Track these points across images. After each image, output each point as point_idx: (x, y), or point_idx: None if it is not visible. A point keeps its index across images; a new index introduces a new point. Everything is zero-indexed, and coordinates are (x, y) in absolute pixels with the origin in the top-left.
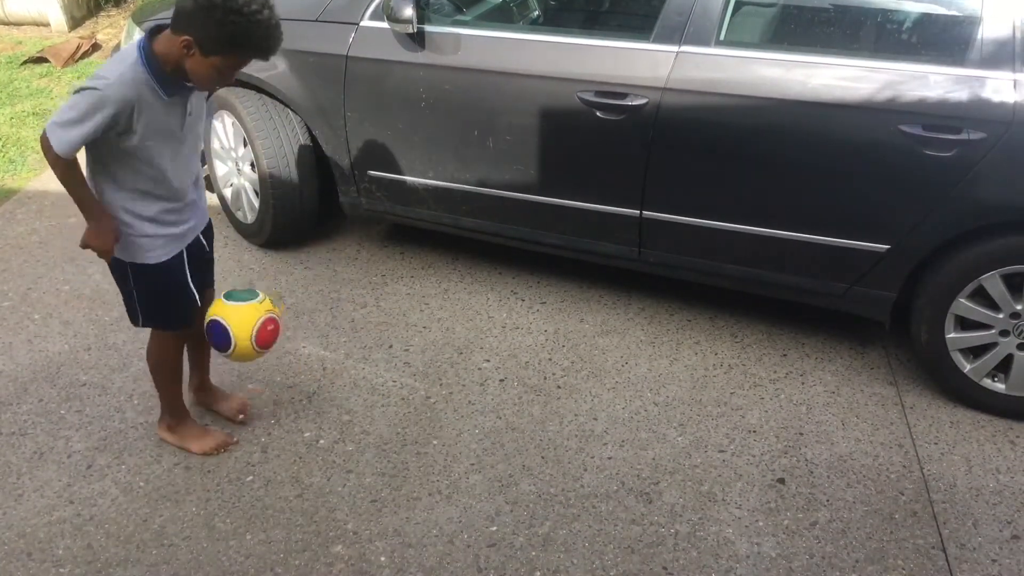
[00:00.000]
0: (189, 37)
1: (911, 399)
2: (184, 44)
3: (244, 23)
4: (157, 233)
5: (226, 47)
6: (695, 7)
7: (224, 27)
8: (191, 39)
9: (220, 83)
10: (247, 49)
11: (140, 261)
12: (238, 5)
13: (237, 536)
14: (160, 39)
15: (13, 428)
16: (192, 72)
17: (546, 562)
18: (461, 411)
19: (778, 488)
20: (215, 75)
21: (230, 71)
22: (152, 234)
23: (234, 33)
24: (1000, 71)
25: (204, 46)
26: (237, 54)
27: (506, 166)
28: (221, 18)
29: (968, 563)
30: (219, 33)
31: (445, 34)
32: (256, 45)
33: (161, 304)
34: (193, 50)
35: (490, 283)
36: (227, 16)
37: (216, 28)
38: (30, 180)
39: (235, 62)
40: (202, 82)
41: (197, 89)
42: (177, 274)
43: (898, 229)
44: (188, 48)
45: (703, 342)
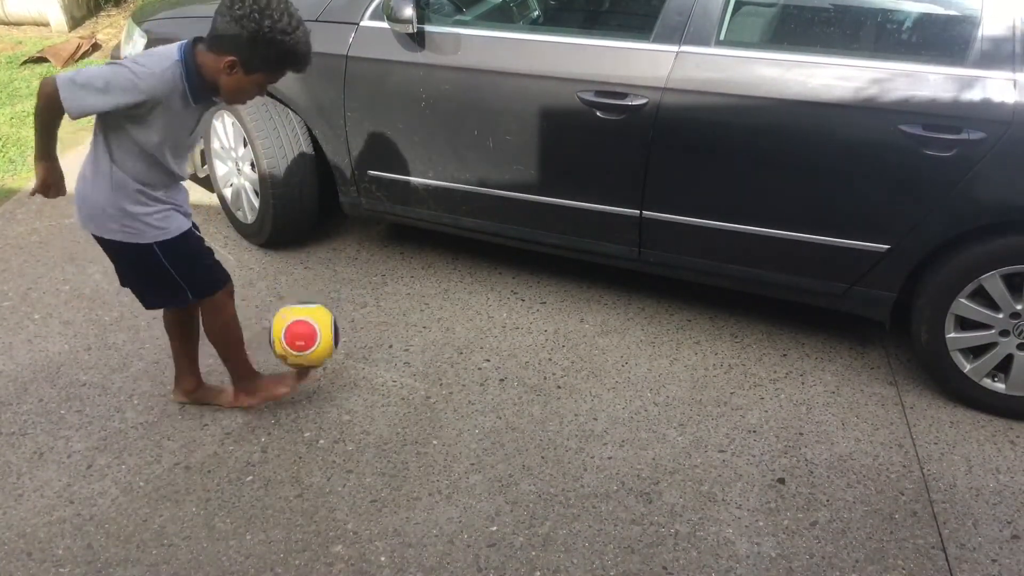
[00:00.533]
0: (234, 57)
1: (911, 399)
2: (229, 64)
3: (290, 41)
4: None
5: (271, 64)
6: (695, 7)
7: (271, 46)
8: (236, 59)
9: (252, 97)
10: (290, 65)
11: (165, 238)
12: (281, 26)
13: (237, 536)
14: (200, 51)
15: (13, 428)
16: (229, 88)
17: (546, 562)
18: (461, 411)
19: (778, 488)
20: (254, 91)
21: (268, 85)
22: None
23: (281, 52)
24: (1000, 71)
25: (248, 66)
26: (281, 70)
27: (506, 166)
28: (269, 38)
29: (968, 563)
30: (267, 52)
31: (445, 34)
32: (299, 60)
33: (201, 269)
34: (237, 70)
35: (490, 283)
36: (274, 36)
37: (264, 48)
38: (30, 180)
39: (275, 77)
40: (237, 97)
41: (224, 102)
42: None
43: (898, 229)
44: (232, 68)
45: (703, 342)
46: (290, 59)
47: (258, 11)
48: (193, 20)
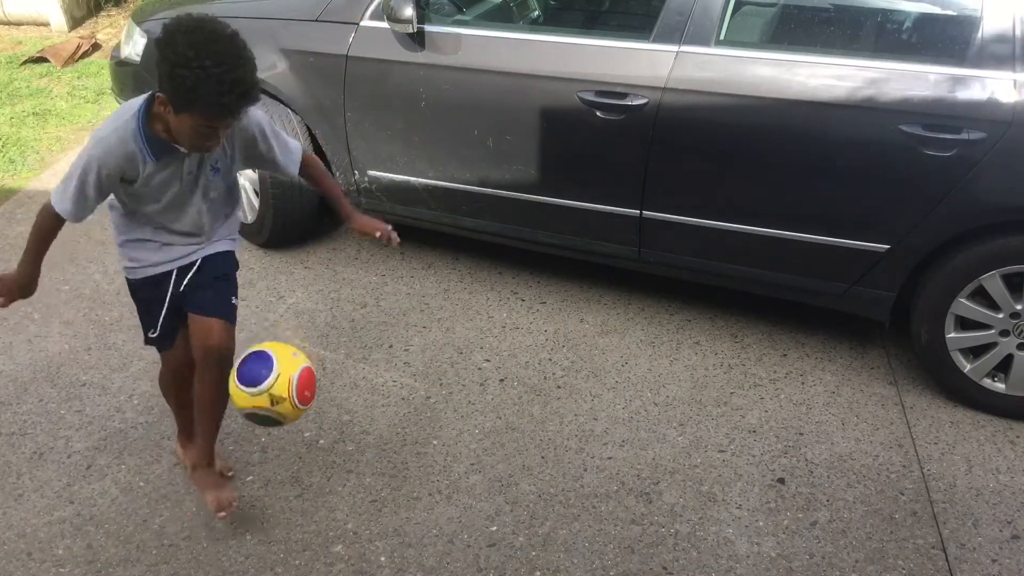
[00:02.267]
0: (162, 94)
1: (911, 399)
2: (161, 102)
3: (191, 77)
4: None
5: (182, 105)
6: (695, 7)
7: (174, 80)
8: (163, 96)
9: (203, 144)
10: (198, 106)
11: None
12: (184, 59)
13: (237, 536)
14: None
15: (13, 428)
16: (176, 132)
17: (546, 562)
18: (461, 411)
19: (778, 488)
20: (193, 135)
21: (205, 130)
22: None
23: (182, 88)
24: (1000, 71)
25: (173, 104)
26: (195, 111)
27: (506, 166)
28: (170, 72)
29: (968, 563)
30: (172, 88)
31: (445, 34)
32: (208, 102)
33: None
34: (168, 107)
35: (490, 283)
36: (175, 70)
37: (169, 83)
38: (30, 180)
39: (202, 121)
40: (184, 142)
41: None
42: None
43: (898, 229)
44: (164, 106)
45: (703, 342)
46: (193, 98)
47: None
48: None
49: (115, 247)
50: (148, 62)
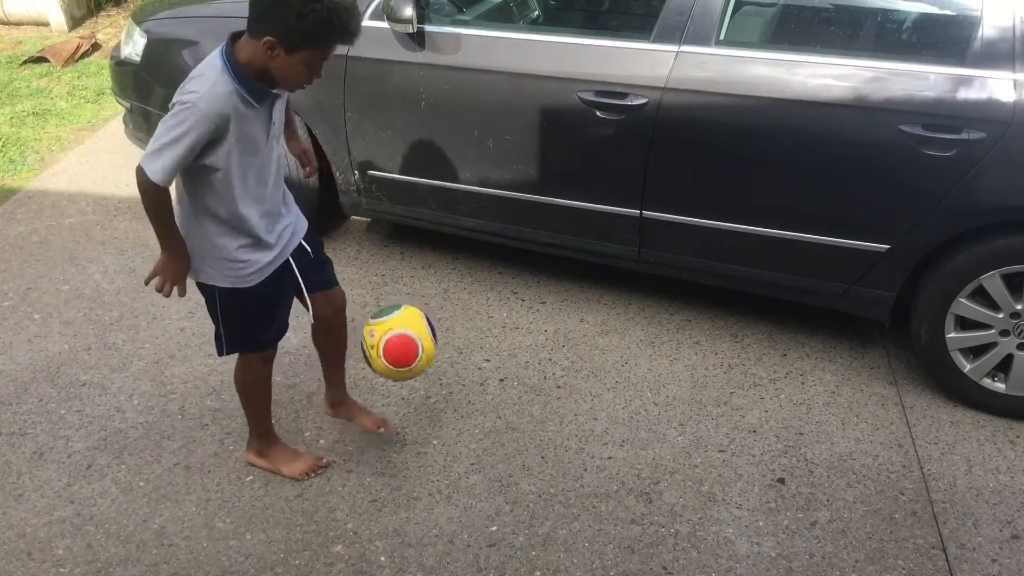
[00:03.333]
0: (271, 37)
1: (911, 399)
2: (267, 46)
3: (323, 10)
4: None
5: (310, 40)
6: (695, 7)
7: (304, 18)
8: (273, 39)
9: (309, 80)
10: (331, 36)
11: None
12: None
13: (237, 536)
14: (240, 45)
15: (13, 428)
16: (279, 75)
17: (546, 562)
18: (461, 411)
19: (778, 488)
20: (304, 72)
21: (318, 64)
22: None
23: (316, 21)
24: (1000, 71)
25: (287, 43)
26: (323, 44)
27: (506, 166)
28: (301, 9)
29: (968, 563)
30: (300, 26)
31: (445, 34)
32: (340, 29)
33: (246, 328)
34: (277, 50)
35: (490, 283)
36: (305, 6)
37: (297, 21)
38: (30, 180)
39: (322, 53)
40: (291, 82)
41: (285, 92)
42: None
43: (898, 229)
44: (272, 49)
45: (703, 342)
46: (326, 29)
47: None
48: (193, 20)
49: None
50: (148, 62)
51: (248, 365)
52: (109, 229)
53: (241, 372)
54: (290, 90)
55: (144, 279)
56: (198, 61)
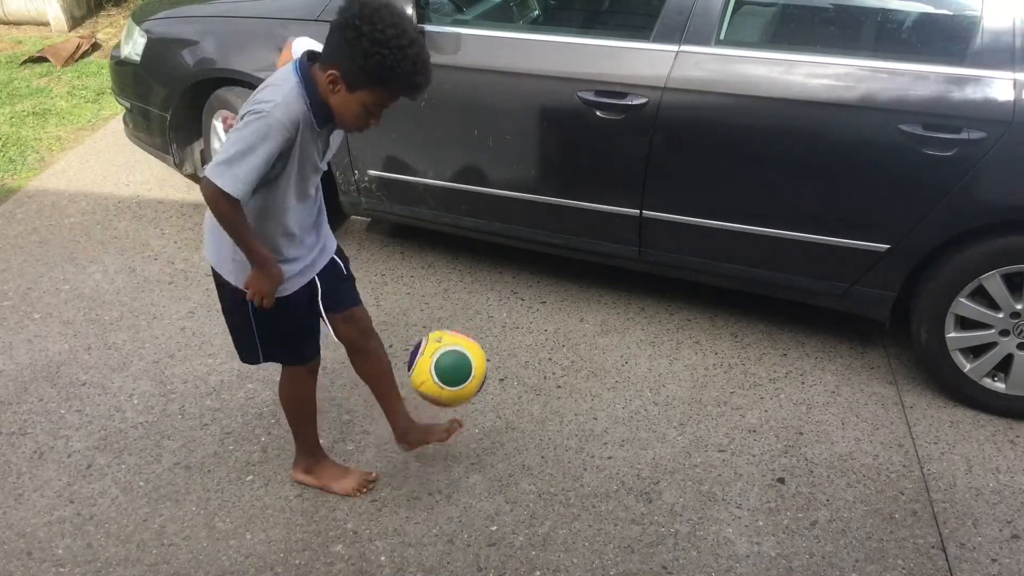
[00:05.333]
0: (336, 71)
1: (911, 399)
2: (331, 79)
3: (391, 56)
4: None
5: (371, 81)
6: (695, 7)
7: (370, 59)
8: (337, 73)
9: (365, 123)
10: (392, 84)
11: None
12: (385, 37)
13: (237, 536)
14: (314, 69)
15: (13, 428)
16: (337, 109)
17: (546, 561)
18: (461, 411)
19: (778, 488)
20: (362, 113)
21: (377, 109)
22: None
23: (380, 66)
24: (1000, 71)
25: (350, 80)
26: (383, 89)
27: (506, 166)
28: (368, 49)
29: (968, 563)
30: (365, 65)
31: (445, 34)
32: (403, 79)
33: (287, 338)
34: (340, 85)
35: (490, 283)
36: (373, 47)
37: (362, 59)
38: (30, 180)
39: (381, 99)
40: (348, 120)
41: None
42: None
43: (898, 229)
44: (335, 83)
45: (703, 342)
46: (388, 76)
47: (359, 16)
48: (193, 20)
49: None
50: (148, 62)
51: (295, 379)
52: (109, 229)
53: (288, 387)
54: (346, 129)
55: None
56: (198, 61)
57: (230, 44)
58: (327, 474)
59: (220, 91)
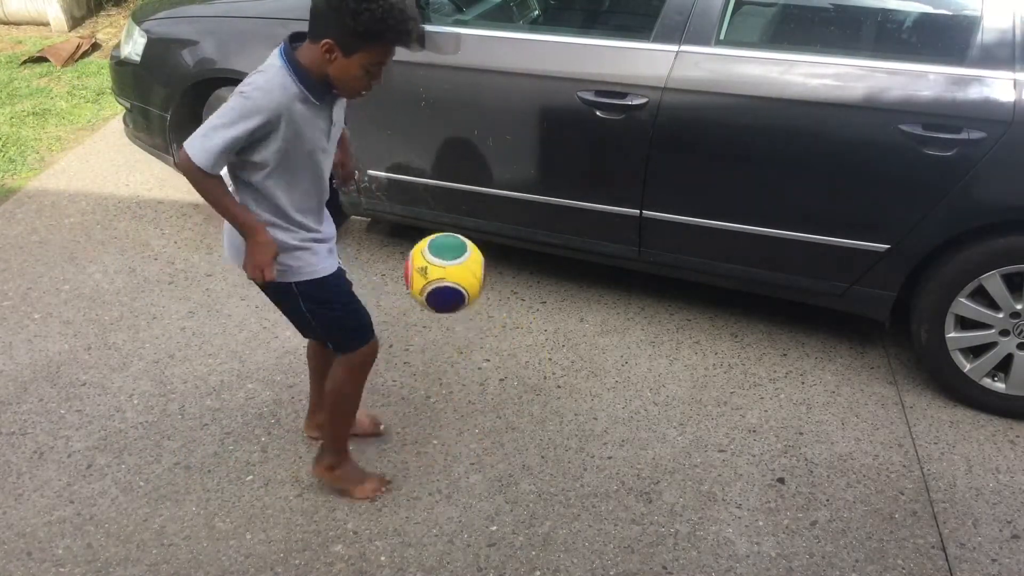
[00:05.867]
0: (329, 40)
1: (911, 399)
2: (325, 49)
3: (379, 9)
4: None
5: (366, 39)
6: (695, 7)
7: (360, 16)
8: (331, 41)
9: (368, 85)
10: (387, 36)
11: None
12: None
13: (237, 536)
14: (301, 50)
15: (13, 428)
16: (339, 78)
17: (546, 562)
18: (461, 411)
19: (778, 488)
20: (363, 75)
21: (376, 68)
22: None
23: (371, 20)
24: (1000, 71)
25: (345, 45)
26: (378, 45)
27: (506, 166)
28: (355, 7)
29: (968, 563)
30: (355, 25)
31: (445, 33)
32: (395, 28)
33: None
34: (335, 53)
35: (490, 283)
36: (360, 5)
37: (352, 20)
38: (30, 180)
39: (379, 56)
40: (350, 86)
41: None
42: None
43: (898, 229)
44: (330, 52)
45: (703, 342)
46: (384, 29)
47: None
48: (193, 20)
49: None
50: (148, 62)
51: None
52: (109, 229)
53: (351, 378)
54: (349, 96)
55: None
56: (198, 61)
57: (230, 44)
58: (349, 476)
59: (220, 91)
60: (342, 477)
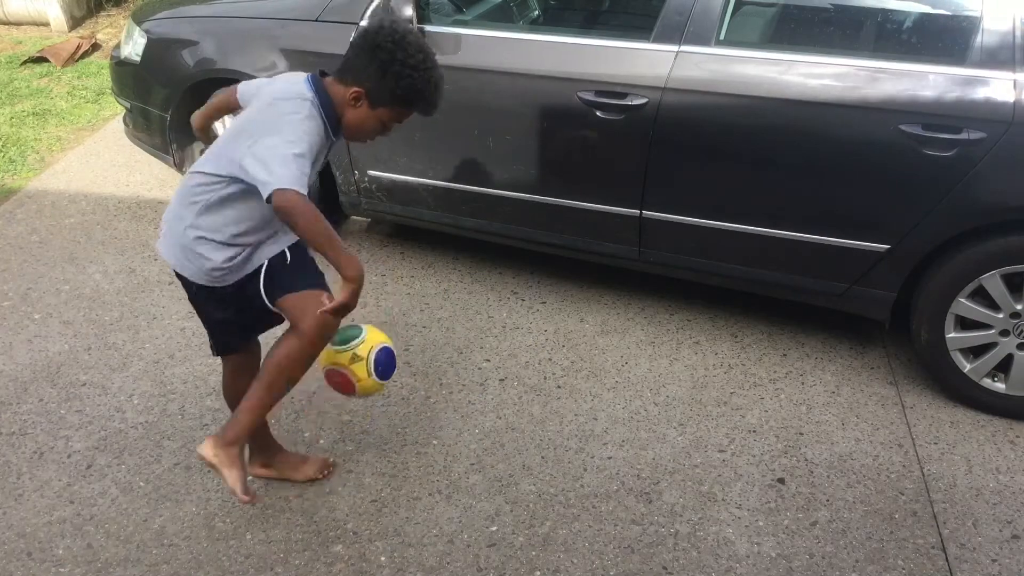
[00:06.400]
0: (360, 89)
1: (911, 399)
2: (354, 96)
3: (420, 79)
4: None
5: (398, 101)
6: (695, 7)
7: (401, 80)
8: (362, 91)
9: (373, 136)
10: (416, 104)
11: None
12: (416, 62)
13: (237, 536)
14: (329, 83)
15: (13, 428)
16: (354, 125)
17: (546, 562)
18: (461, 411)
19: (778, 488)
20: (377, 127)
21: (391, 124)
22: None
23: (410, 87)
24: (1000, 71)
25: (374, 98)
26: (405, 108)
27: (506, 166)
28: (399, 71)
29: (968, 563)
30: (395, 86)
31: (445, 34)
32: (427, 100)
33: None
34: (362, 102)
35: (490, 283)
36: (404, 70)
37: (393, 81)
38: (30, 180)
39: (400, 116)
40: (361, 132)
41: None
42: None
43: (898, 229)
44: (357, 100)
45: (703, 342)
46: (417, 98)
47: (392, 42)
48: (193, 20)
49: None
50: (148, 62)
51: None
52: (109, 229)
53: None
54: (353, 139)
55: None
56: (198, 61)
57: (230, 44)
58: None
59: (220, 92)
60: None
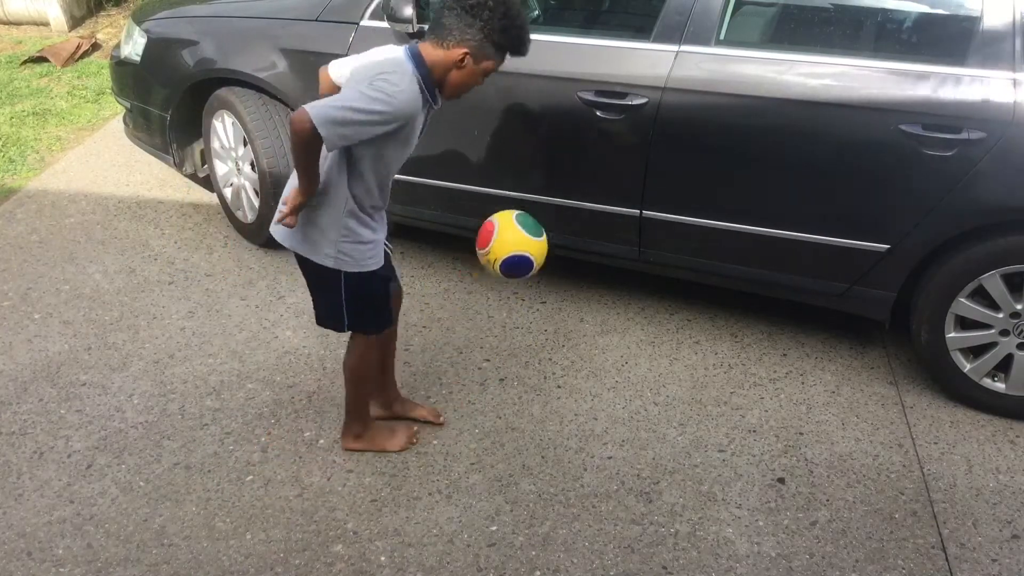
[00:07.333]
0: (466, 49)
1: (911, 399)
2: (460, 57)
3: (518, 24)
4: (375, 239)
5: (502, 51)
6: (695, 7)
7: (508, 32)
8: (468, 51)
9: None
10: (517, 50)
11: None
12: (514, 12)
13: (237, 536)
14: (427, 49)
15: (13, 428)
16: (459, 83)
17: (546, 562)
18: (461, 411)
19: (778, 488)
20: (480, 81)
21: (486, 76)
22: (370, 240)
23: (516, 37)
24: (1000, 70)
25: (479, 54)
26: (503, 56)
27: (506, 166)
28: (502, 24)
29: (968, 563)
30: (501, 40)
31: None
32: (523, 44)
33: (368, 309)
34: (467, 61)
35: (490, 283)
36: (505, 22)
37: (498, 35)
38: (30, 180)
39: (498, 64)
40: (463, 90)
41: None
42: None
43: (898, 229)
44: (463, 60)
45: (703, 342)
46: (516, 44)
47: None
48: (193, 20)
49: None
50: (148, 62)
51: (368, 348)
52: (109, 229)
53: (359, 356)
54: (452, 98)
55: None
56: (198, 61)
57: (230, 44)
58: (378, 436)
59: (220, 91)
60: (373, 440)
